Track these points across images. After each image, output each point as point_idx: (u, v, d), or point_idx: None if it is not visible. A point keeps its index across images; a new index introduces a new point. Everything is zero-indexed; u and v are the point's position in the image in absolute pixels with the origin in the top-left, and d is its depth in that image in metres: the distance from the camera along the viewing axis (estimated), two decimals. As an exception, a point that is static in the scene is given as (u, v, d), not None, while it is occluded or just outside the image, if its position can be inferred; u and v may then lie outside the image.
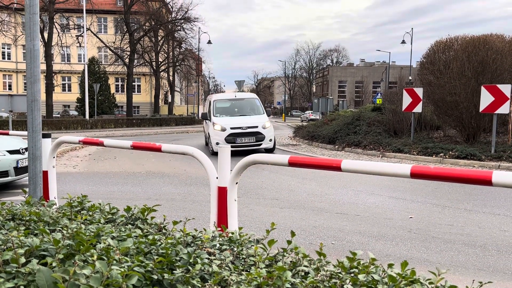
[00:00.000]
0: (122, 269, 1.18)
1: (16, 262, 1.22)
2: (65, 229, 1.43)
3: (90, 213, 2.08)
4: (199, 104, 54.50)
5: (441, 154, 12.27)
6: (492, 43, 12.86)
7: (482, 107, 11.95)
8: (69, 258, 1.35)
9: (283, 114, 62.96)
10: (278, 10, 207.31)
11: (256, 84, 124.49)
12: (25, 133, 4.85)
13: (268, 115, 15.68)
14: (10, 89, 51.44)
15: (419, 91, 14.02)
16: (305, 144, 18.23)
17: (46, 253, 1.38)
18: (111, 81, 48.37)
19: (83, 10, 32.36)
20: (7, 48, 50.74)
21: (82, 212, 2.10)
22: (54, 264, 1.20)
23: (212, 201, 2.80)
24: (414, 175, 1.91)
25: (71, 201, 2.17)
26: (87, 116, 32.78)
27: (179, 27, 43.16)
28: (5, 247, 1.43)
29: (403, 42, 44.28)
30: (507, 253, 4.60)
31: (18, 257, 1.21)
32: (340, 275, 1.33)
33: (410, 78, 36.11)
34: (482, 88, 11.93)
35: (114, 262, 1.27)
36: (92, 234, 1.59)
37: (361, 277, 1.24)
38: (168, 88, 52.46)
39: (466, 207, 6.70)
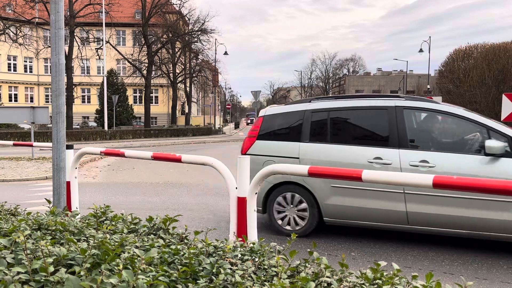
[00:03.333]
0: (148, 279, 1.20)
1: (45, 271, 1.25)
2: (91, 238, 1.46)
3: (113, 223, 2.11)
4: (215, 114, 54.88)
5: (461, 164, 12.06)
6: (513, 50, 12.68)
7: (503, 115, 11.73)
8: (95, 267, 1.38)
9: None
10: (292, 20, 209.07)
11: (272, 94, 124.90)
12: (48, 144, 4.97)
13: None
14: (32, 101, 52.69)
15: (438, 100, 13.87)
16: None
17: (73, 262, 1.41)
18: (129, 92, 49.15)
19: (102, 23, 33.10)
20: (29, 62, 52.10)
21: (105, 222, 2.14)
22: (82, 273, 1.23)
23: (232, 211, 2.81)
24: (437, 185, 1.89)
25: (96, 212, 2.21)
26: (106, 127, 33.31)
27: (196, 39, 43.76)
28: (33, 256, 1.46)
29: (421, 50, 43.89)
30: (532, 266, 4.47)
31: (47, 266, 1.24)
32: (363, 286, 1.32)
33: (428, 86, 35.72)
34: (504, 96, 11.72)
35: (139, 271, 1.29)
36: (116, 243, 1.62)
37: (385, 288, 1.24)
38: (185, 99, 53.02)
39: (489, 218, 6.54)
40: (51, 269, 1.26)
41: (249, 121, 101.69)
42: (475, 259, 4.67)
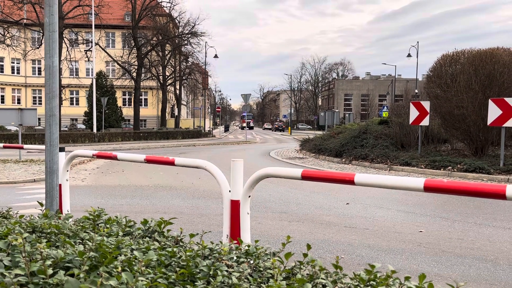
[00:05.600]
0: (147, 281, 1.21)
1: (44, 274, 1.25)
2: (90, 241, 1.47)
3: (108, 225, 2.12)
4: (205, 117, 54.77)
5: (449, 168, 12.22)
6: (499, 56, 12.88)
7: (490, 120, 11.93)
8: (93, 270, 1.38)
9: (289, 127, 63.04)
10: (282, 25, 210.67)
11: (262, 98, 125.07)
12: (39, 147, 4.92)
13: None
14: (19, 103, 52.06)
15: (426, 105, 14.03)
16: (312, 157, 18.23)
17: (70, 265, 1.41)
18: (119, 94, 48.80)
19: (91, 25, 32.89)
20: (17, 63, 51.51)
21: (100, 225, 2.14)
22: (81, 275, 1.24)
23: (225, 214, 2.83)
24: (428, 188, 1.93)
25: (90, 215, 2.21)
26: (94, 130, 33.03)
27: (186, 42, 43.69)
28: (30, 259, 1.46)
29: (409, 55, 44.42)
30: (519, 268, 4.56)
31: (46, 268, 1.25)
32: (358, 287, 1.35)
33: (416, 91, 36.14)
34: (490, 101, 11.92)
35: (137, 274, 1.30)
36: (112, 246, 1.62)
37: (380, 289, 1.27)
38: (175, 102, 52.85)
39: (476, 221, 6.65)
40: (50, 271, 1.27)
41: (244, 124, 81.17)
42: (463, 262, 4.74)
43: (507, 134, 12.61)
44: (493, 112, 11.79)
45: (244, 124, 74.98)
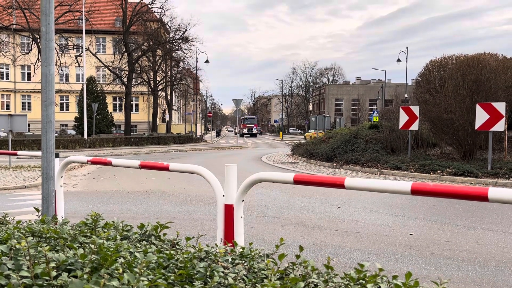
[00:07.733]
0: (148, 281, 1.27)
1: (48, 275, 1.30)
2: (93, 244, 1.52)
3: (105, 230, 2.17)
4: (196, 122, 54.75)
5: (438, 171, 12.39)
6: (486, 62, 13.12)
7: (477, 124, 12.14)
8: (94, 272, 1.44)
9: (280, 132, 63.22)
10: (272, 30, 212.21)
11: (254, 103, 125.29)
12: (32, 153, 4.92)
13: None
14: (8, 108, 51.59)
15: (416, 109, 14.22)
16: (303, 162, 18.33)
17: (72, 267, 1.47)
18: (109, 100, 48.62)
19: (82, 30, 32.79)
20: (6, 68, 51.10)
21: (97, 229, 2.19)
22: (84, 277, 1.29)
23: (219, 218, 2.89)
24: (415, 191, 2.02)
25: (87, 220, 2.26)
26: (85, 135, 32.84)
27: (177, 47, 43.74)
28: (32, 262, 1.51)
29: (399, 60, 44.92)
30: (506, 269, 4.66)
31: (50, 270, 1.30)
32: (349, 286, 1.42)
33: (406, 96, 36.52)
34: (477, 106, 12.13)
35: (137, 275, 1.35)
36: (112, 249, 1.68)
37: (369, 286, 1.34)
38: (166, 107, 52.76)
39: (465, 224, 6.78)
40: (53, 273, 1.32)
41: (245, 130, 65.41)
42: (452, 264, 4.84)
43: (495, 138, 12.82)
44: (481, 116, 12.00)
45: (245, 130, 58.78)
